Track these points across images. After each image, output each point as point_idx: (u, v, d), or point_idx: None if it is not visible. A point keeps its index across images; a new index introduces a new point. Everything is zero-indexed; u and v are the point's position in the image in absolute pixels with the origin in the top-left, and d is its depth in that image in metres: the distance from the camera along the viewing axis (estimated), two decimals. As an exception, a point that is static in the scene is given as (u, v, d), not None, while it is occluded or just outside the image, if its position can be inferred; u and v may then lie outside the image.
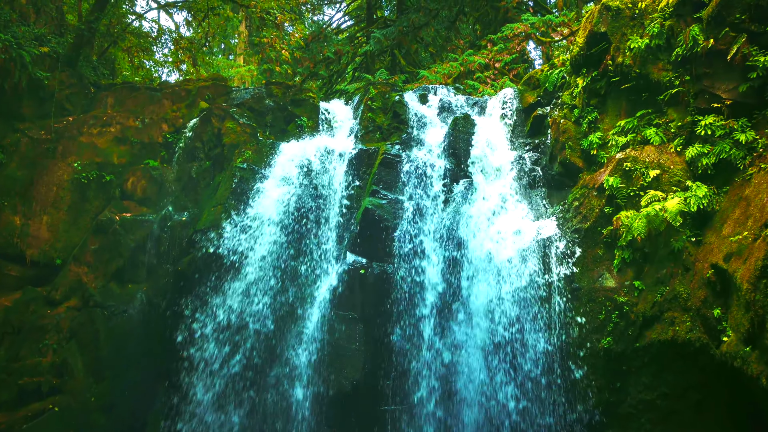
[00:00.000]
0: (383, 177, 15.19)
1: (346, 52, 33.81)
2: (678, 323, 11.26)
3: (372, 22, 34.14)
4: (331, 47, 32.79)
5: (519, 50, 25.28)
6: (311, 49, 32.81)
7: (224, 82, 19.12)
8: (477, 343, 13.35)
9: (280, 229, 14.82)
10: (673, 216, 11.60)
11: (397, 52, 34.48)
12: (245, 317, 14.14)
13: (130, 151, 17.37)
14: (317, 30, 36.72)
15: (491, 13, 29.69)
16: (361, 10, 38.42)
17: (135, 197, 16.69)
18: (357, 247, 14.39)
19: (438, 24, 31.25)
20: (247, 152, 16.18)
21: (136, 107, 18.11)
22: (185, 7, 21.66)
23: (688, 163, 12.61)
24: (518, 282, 13.32)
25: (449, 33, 32.88)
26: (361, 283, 13.89)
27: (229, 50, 48.27)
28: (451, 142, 15.53)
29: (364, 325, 13.67)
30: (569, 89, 15.51)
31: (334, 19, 39.89)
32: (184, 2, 21.61)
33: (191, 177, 16.95)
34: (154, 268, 15.80)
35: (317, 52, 32.66)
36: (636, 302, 12.05)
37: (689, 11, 13.15)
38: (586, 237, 13.14)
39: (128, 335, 14.92)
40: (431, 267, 13.95)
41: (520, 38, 24.88)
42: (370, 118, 17.14)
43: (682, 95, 13.07)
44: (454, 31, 32.76)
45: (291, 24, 22.50)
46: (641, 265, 12.42)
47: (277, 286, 14.42)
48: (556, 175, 14.87)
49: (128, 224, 15.88)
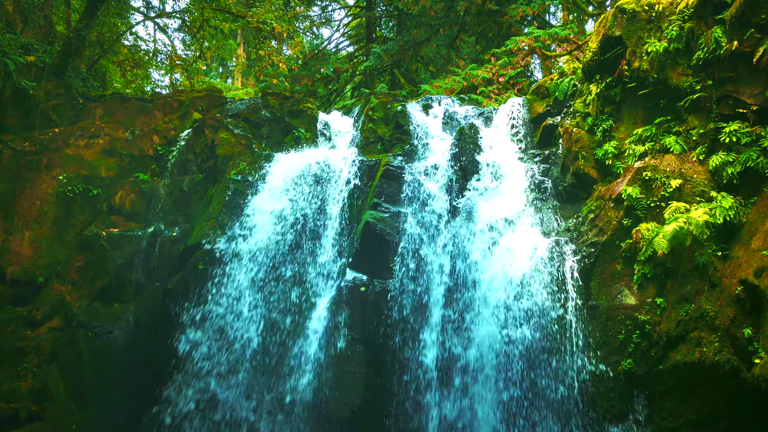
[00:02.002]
0: (385, 189, 14.39)
1: (345, 71, 33.27)
2: (705, 344, 10.44)
3: (372, 40, 33.61)
4: (329, 65, 32.25)
5: (524, 65, 24.67)
6: (309, 67, 32.28)
7: (219, 93, 18.35)
8: (486, 365, 12.44)
9: (276, 244, 13.95)
10: (700, 228, 10.80)
11: (396, 71, 33.92)
12: (238, 339, 13.25)
13: (118, 163, 16.52)
14: (316, 48, 36.27)
15: (494, 28, 29.11)
16: (360, 28, 37.96)
17: (123, 212, 15.81)
18: (357, 262, 13.56)
19: (438, 41, 30.68)
20: (242, 164, 15.37)
21: (126, 118, 17.31)
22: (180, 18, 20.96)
23: (712, 173, 11.90)
24: (529, 300, 12.46)
25: (450, 52, 32.35)
26: (362, 301, 13.04)
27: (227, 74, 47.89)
28: (456, 153, 14.75)
29: (365, 346, 12.80)
30: (581, 97, 14.78)
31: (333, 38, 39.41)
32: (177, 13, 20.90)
33: (183, 190, 16.10)
34: (143, 287, 14.90)
35: (316, 70, 32.13)
36: (659, 321, 11.22)
37: (710, 12, 12.49)
38: (603, 251, 12.32)
39: (113, 358, 13.95)
40: (436, 284, 13.09)
41: (525, 52, 24.25)
42: (371, 129, 16.36)
43: (703, 101, 12.37)
44: (454, 49, 32.23)
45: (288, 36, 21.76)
46: (663, 281, 11.61)
47: (273, 305, 13.55)
48: (569, 187, 14.09)
49: (115, 240, 15.00)
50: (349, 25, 39.22)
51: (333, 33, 39.35)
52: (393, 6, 31.94)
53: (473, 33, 30.88)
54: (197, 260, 13.95)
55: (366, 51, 32.60)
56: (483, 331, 12.53)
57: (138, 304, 14.69)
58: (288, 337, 13.33)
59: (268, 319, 13.38)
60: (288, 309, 13.61)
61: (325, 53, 34.78)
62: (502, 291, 12.67)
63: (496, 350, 12.29)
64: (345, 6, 39.42)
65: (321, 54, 34.33)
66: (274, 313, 13.42)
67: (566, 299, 12.21)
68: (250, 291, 13.50)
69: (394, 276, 13.28)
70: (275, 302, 13.56)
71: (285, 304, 13.61)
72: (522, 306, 12.44)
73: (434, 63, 33.49)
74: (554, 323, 12.12)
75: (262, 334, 13.27)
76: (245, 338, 13.18)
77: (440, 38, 30.73)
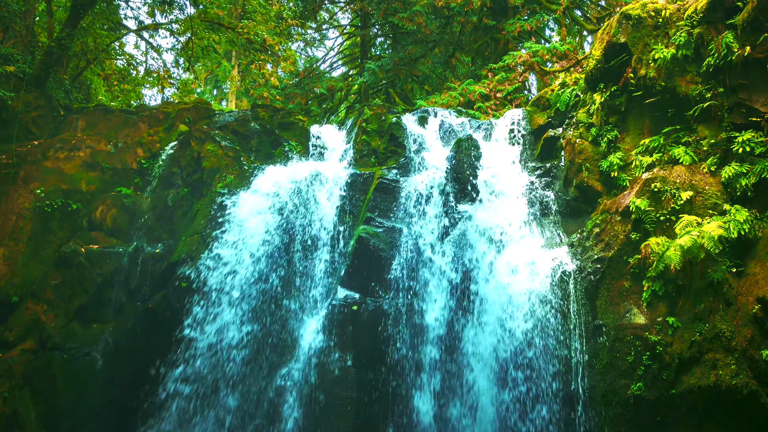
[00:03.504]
0: (379, 203, 13.73)
1: (339, 89, 32.76)
2: (721, 366, 9.81)
3: (366, 59, 33.11)
4: (323, 84, 31.73)
5: (521, 80, 24.12)
6: (303, 85, 31.76)
7: (207, 105, 17.68)
8: (484, 390, 11.71)
9: (264, 260, 13.24)
10: (713, 242, 10.19)
11: (391, 90, 33.50)
12: (223, 361, 12.45)
13: (100, 177, 15.77)
14: (310, 66, 35.78)
15: (491, 44, 28.64)
16: (355, 47, 37.56)
17: (104, 227, 15.06)
18: (349, 280, 12.87)
19: (434, 58, 30.21)
20: (229, 177, 14.67)
21: (109, 131, 16.58)
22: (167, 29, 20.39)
23: (725, 185, 11.36)
24: (531, 319, 11.78)
25: (445, 71, 31.87)
26: (354, 321, 12.31)
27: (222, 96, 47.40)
28: (453, 166, 14.09)
29: (357, 368, 12.06)
30: (585, 107, 14.20)
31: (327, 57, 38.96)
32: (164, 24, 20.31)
33: (167, 205, 15.38)
34: (123, 306, 14.13)
35: (309, 89, 31.60)
36: (670, 342, 10.62)
37: (721, 17, 12.02)
38: (610, 267, 11.65)
39: (90, 382, 13.15)
40: (432, 302, 12.38)
41: (523, 68, 23.70)
42: (365, 141, 15.70)
43: (714, 110, 11.82)
44: (450, 68, 31.75)
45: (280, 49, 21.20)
46: (674, 298, 11.01)
47: (260, 325, 12.81)
48: (572, 200, 13.46)
49: (95, 257, 14.23)
50: (344, 45, 38.78)
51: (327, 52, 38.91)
52: (388, 22, 31.50)
53: (470, 50, 30.43)
54: (180, 277, 13.20)
55: (361, 69, 32.13)
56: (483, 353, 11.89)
57: (118, 325, 13.90)
58: (276, 358, 12.57)
59: (255, 339, 12.62)
60: (276, 329, 12.85)
61: (319, 72, 34.33)
62: (501, 309, 11.97)
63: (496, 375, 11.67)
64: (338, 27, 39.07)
65: (315, 73, 33.88)
66: (261, 333, 12.65)
67: (570, 319, 11.49)
68: (235, 309, 12.73)
69: (389, 294, 12.62)
70: (262, 321, 12.80)
71: (273, 323, 12.85)
72: (523, 326, 11.73)
73: (429, 82, 33.07)
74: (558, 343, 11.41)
75: (248, 355, 12.49)
76: (230, 358, 12.40)
77: (436, 56, 30.27)
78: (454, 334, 12.16)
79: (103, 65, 20.55)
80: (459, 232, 13.28)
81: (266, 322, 12.83)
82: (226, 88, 44.80)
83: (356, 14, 35.52)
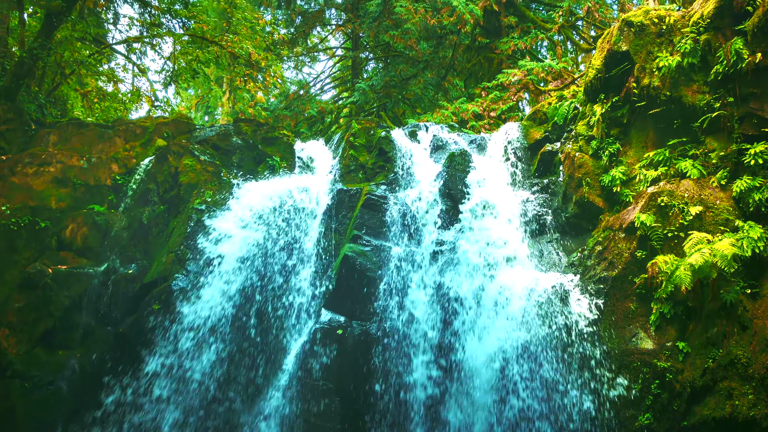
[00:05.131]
0: (366, 221, 12.91)
1: (329, 111, 32.15)
2: (737, 396, 9.02)
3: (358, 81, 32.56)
4: (314, 106, 31.11)
5: (516, 99, 23.49)
6: (293, 107, 31.14)
7: (187, 119, 16.86)
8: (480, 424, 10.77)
9: (243, 281, 12.34)
10: (727, 261, 9.40)
11: (383, 113, 32.88)
12: (197, 392, 11.52)
13: (71, 194, 14.88)
14: (300, 88, 35.17)
15: (484, 64, 28.03)
16: (346, 71, 37.08)
17: (74, 247, 14.14)
18: (334, 302, 12.04)
19: (426, 78, 29.61)
20: (207, 193, 13.81)
21: (82, 145, 15.71)
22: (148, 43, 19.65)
23: (736, 200, 10.61)
24: (529, 346, 10.86)
25: (437, 94, 31.29)
26: (339, 346, 11.47)
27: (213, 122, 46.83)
28: (445, 182, 13.31)
29: (342, 398, 11.23)
30: (584, 119, 13.44)
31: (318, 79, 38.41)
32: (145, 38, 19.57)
33: (142, 223, 14.50)
34: (92, 331, 13.18)
35: (299, 111, 30.97)
36: (681, 369, 9.83)
37: (729, 23, 11.36)
38: (614, 288, 10.82)
39: (53, 413, 12.17)
40: (423, 326, 11.51)
41: (517, 87, 23.05)
42: (352, 156, 14.90)
43: (723, 120, 11.10)
44: (442, 91, 31.17)
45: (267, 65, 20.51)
46: (684, 321, 10.23)
47: (238, 352, 11.89)
48: (571, 218, 12.67)
49: (63, 278, 13.31)
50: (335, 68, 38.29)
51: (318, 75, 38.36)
52: (379, 45, 30.99)
53: (463, 70, 29.85)
54: (152, 299, 12.31)
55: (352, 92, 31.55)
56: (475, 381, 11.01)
57: (86, 351, 12.96)
58: (254, 386, 11.67)
59: (232, 365, 11.70)
60: (255, 354, 11.97)
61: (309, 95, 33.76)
62: (497, 333, 11.09)
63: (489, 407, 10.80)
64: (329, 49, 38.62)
65: (305, 95, 33.31)
66: (237, 357, 11.73)
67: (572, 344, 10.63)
68: (211, 334, 11.83)
69: (376, 317, 11.82)
70: (240, 347, 11.89)
71: (251, 348, 11.96)
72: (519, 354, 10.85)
73: (421, 105, 32.49)
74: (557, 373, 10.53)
75: (224, 383, 11.58)
76: (203, 388, 11.48)
77: (428, 78, 29.70)
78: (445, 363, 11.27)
79: (82, 81, 19.73)
80: (450, 251, 12.47)
81: (244, 347, 11.94)
82: (217, 114, 44.28)
83: (347, 36, 35.07)
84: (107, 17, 23.54)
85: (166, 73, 21.35)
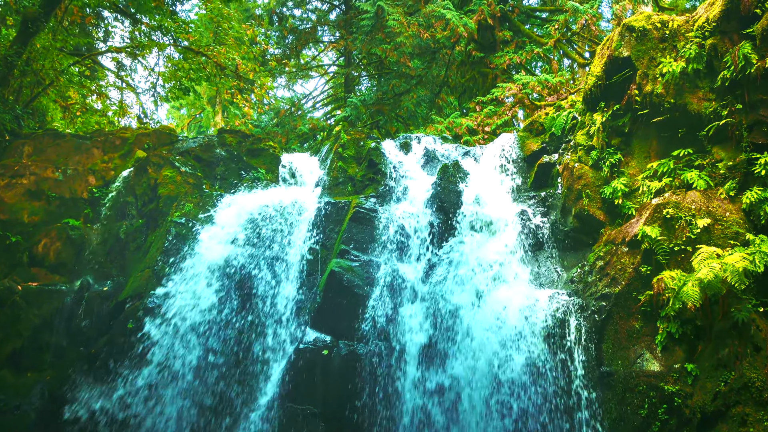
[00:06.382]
0: (355, 235, 12.26)
1: (321, 129, 31.60)
2: (752, 423, 8.45)
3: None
4: (305, 123, 30.59)
5: (511, 115, 22.92)
6: (284, 124, 30.61)
7: (170, 130, 16.20)
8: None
9: (223, 297, 11.63)
10: (738, 276, 8.80)
11: (376, 131, 32.37)
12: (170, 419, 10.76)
13: (45, 207, 14.17)
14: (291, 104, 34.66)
15: (478, 79, 27.53)
16: (338, 88, 36.66)
17: (47, 263, 13.43)
18: (320, 320, 11.37)
19: (419, 94, 29.11)
20: (188, 205, 13.14)
21: (58, 157, 15.00)
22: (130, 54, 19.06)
23: (746, 212, 10.07)
24: (526, 368, 10.17)
25: (430, 111, 30.79)
26: (324, 367, 10.75)
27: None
28: (438, 194, 12.67)
29: (326, 423, 10.46)
30: (584, 128, 12.84)
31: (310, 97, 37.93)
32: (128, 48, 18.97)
33: (119, 238, 13.78)
34: (63, 352, 12.42)
35: (291, 128, 30.45)
36: (690, 393, 9.18)
37: (736, 27, 10.85)
38: (617, 305, 10.16)
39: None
40: (414, 346, 10.81)
41: (512, 102, 22.50)
42: (341, 168, 14.25)
43: (731, 128, 10.53)
44: (436, 108, 30.68)
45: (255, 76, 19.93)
46: (693, 342, 9.60)
47: (216, 373, 11.14)
48: (570, 232, 12.04)
49: (33, 296, 12.58)
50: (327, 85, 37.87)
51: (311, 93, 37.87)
52: (372, 62, 30.54)
53: (457, 85, 29.36)
54: (126, 318, 11.58)
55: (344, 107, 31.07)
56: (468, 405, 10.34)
57: (56, 373, 12.17)
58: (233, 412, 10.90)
59: (209, 388, 10.95)
60: (234, 376, 11.23)
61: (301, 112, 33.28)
62: (491, 354, 10.40)
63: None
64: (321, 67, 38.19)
65: (297, 112, 32.81)
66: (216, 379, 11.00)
67: (572, 366, 9.94)
68: (187, 353, 11.09)
69: (364, 337, 11.13)
70: (218, 368, 11.14)
71: (231, 370, 11.21)
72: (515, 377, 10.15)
73: (415, 122, 32.00)
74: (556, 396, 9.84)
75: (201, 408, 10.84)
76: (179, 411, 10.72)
77: (421, 94, 29.21)
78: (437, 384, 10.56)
79: (63, 94, 19.09)
80: (443, 266, 11.81)
81: (223, 370, 11.20)
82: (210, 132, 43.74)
83: (340, 53, 34.65)
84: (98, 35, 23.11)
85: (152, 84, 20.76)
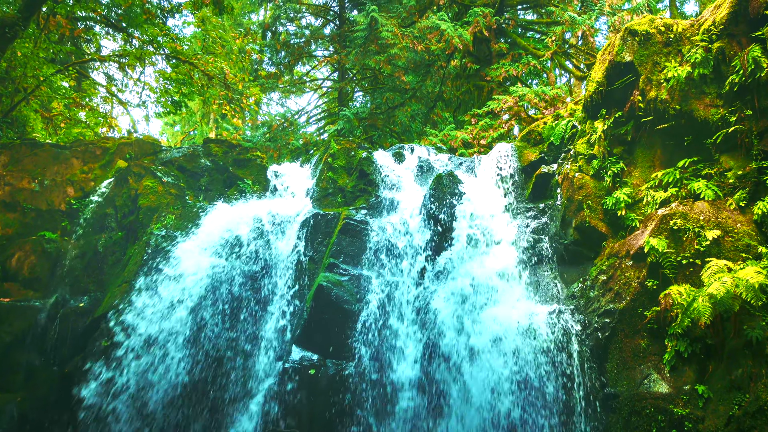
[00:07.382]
0: (344, 248, 11.64)
1: (314, 143, 31.09)
2: None
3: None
4: (298, 137, 30.08)
5: (507, 128, 22.41)
6: (277, 138, 30.08)
7: (153, 140, 15.59)
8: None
9: (204, 314, 11.00)
10: (753, 292, 8.19)
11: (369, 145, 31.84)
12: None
13: (20, 219, 13.54)
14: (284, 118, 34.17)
15: (474, 92, 27.03)
16: (332, 103, 36.22)
17: (20, 278, 12.78)
18: (306, 338, 10.72)
19: (414, 107, 28.63)
20: (169, 217, 12.53)
21: (35, 167, 14.35)
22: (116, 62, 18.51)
23: (758, 223, 9.47)
24: (524, 389, 9.57)
25: (425, 126, 30.32)
26: (311, 387, 10.11)
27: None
28: (431, 206, 12.08)
29: (312, 448, 9.71)
30: (584, 137, 12.27)
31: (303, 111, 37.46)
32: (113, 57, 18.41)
33: (97, 252, 13.13)
34: (36, 371, 11.78)
35: (283, 142, 29.92)
36: (701, 416, 8.52)
37: (744, 30, 10.28)
38: (622, 322, 9.55)
39: (-16, 465, 10.69)
40: (405, 366, 10.17)
41: (509, 114, 22.01)
42: (331, 179, 13.64)
43: (740, 136, 9.93)
44: (430, 123, 30.21)
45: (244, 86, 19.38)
46: (704, 361, 8.90)
47: (195, 395, 10.47)
48: (571, 245, 11.42)
49: (4, 312, 11.96)
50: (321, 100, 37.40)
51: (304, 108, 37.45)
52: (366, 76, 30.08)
53: (452, 98, 28.88)
54: (101, 334, 10.93)
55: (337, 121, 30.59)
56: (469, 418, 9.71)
57: (28, 394, 11.55)
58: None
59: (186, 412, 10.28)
60: (216, 398, 10.54)
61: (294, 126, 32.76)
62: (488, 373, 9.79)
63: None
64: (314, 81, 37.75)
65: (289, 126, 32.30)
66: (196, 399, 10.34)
67: (573, 387, 9.34)
68: (164, 374, 10.43)
69: (353, 355, 10.47)
70: (198, 389, 10.47)
71: (212, 391, 10.54)
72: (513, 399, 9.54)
73: (409, 137, 31.52)
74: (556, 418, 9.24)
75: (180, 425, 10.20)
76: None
77: (415, 107, 28.73)
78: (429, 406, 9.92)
79: (46, 104, 18.47)
80: (437, 281, 11.19)
81: (205, 389, 10.55)
82: (197, 144, 43.21)
83: (333, 68, 34.22)
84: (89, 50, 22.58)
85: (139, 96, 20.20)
